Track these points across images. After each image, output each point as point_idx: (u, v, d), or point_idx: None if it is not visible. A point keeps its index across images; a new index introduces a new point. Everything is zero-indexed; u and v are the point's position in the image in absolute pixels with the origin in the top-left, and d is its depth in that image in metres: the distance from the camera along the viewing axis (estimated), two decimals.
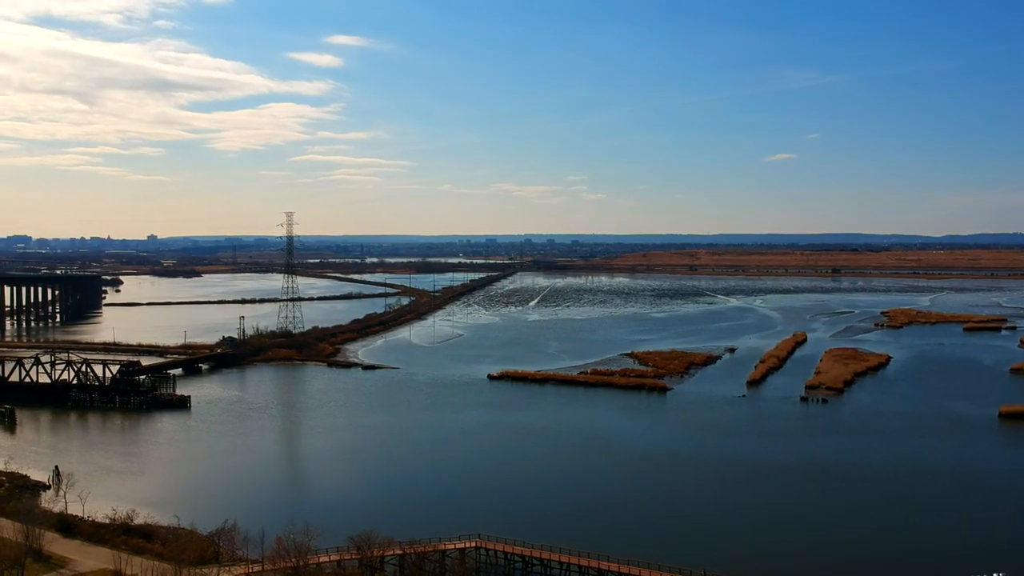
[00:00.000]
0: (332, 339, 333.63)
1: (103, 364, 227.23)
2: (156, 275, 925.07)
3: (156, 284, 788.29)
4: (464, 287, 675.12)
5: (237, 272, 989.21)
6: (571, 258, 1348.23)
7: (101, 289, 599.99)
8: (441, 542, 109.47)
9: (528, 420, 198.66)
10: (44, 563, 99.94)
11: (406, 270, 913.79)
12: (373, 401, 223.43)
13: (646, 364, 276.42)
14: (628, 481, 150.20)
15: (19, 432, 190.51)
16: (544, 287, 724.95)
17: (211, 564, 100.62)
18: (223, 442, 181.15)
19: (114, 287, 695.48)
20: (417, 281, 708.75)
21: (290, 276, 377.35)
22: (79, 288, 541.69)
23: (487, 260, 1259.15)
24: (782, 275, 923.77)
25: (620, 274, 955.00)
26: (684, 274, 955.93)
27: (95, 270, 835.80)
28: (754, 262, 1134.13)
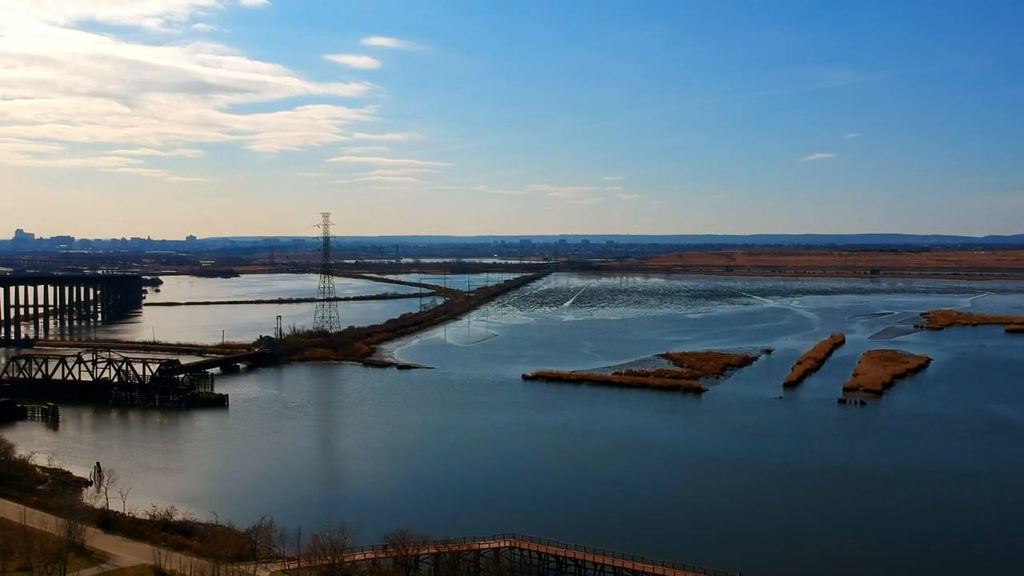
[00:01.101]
0: (368, 339, 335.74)
1: (143, 363, 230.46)
2: (195, 275, 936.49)
3: (195, 284, 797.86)
4: (499, 287, 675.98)
5: (274, 272, 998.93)
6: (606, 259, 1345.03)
7: (141, 289, 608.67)
8: (475, 541, 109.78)
9: (562, 420, 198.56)
10: (86, 558, 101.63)
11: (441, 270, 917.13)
12: (408, 400, 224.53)
13: (681, 365, 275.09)
14: (663, 482, 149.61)
15: (62, 429, 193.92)
16: (578, 288, 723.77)
17: (248, 561, 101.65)
18: (260, 440, 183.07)
19: (154, 287, 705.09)
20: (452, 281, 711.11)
21: (326, 276, 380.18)
22: (120, 288, 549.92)
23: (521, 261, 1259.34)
24: (819, 276, 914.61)
25: (655, 275, 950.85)
26: (720, 275, 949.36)
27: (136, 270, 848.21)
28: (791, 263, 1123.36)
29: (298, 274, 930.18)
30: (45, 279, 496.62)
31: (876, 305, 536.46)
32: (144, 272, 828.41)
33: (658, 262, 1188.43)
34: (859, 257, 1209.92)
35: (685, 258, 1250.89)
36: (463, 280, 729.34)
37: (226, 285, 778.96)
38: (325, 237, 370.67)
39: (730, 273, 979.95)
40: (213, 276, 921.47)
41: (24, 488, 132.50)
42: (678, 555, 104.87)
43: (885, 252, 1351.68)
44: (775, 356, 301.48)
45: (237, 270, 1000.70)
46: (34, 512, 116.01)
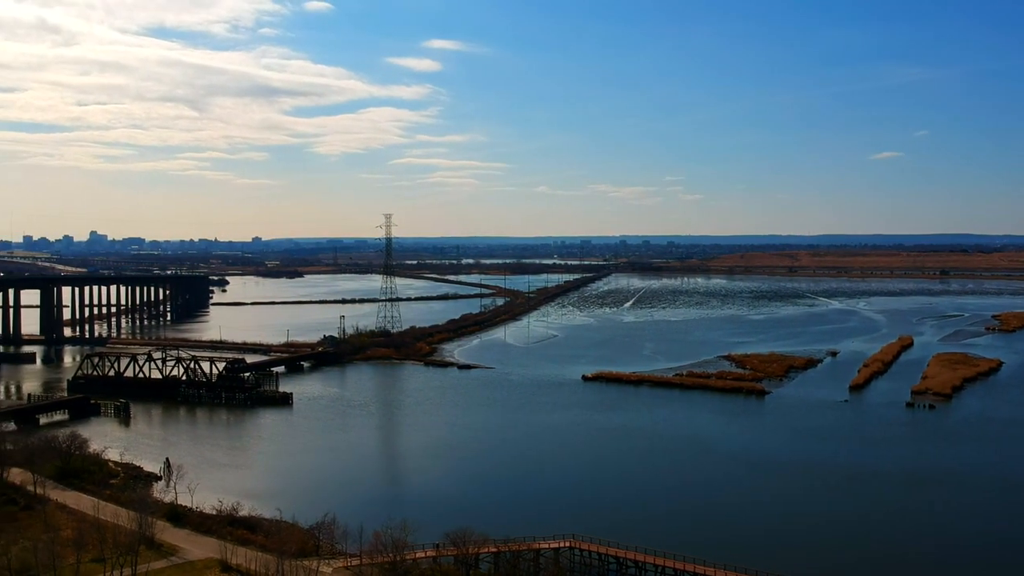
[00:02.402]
0: (429, 339, 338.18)
1: (210, 361, 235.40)
2: (260, 276, 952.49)
3: (260, 284, 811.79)
4: (558, 288, 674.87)
5: (338, 273, 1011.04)
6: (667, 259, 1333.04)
7: (209, 289, 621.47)
8: (535, 541, 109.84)
9: (623, 421, 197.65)
10: (156, 551, 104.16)
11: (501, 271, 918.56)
12: (468, 400, 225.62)
13: (744, 367, 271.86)
14: (724, 485, 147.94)
15: (133, 425, 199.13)
16: (639, 288, 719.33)
17: (312, 557, 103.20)
18: (323, 438, 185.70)
19: (221, 287, 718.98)
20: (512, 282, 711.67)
21: (388, 277, 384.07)
22: (188, 288, 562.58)
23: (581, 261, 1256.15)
24: (887, 277, 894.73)
25: (717, 275, 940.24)
26: (784, 276, 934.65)
27: (203, 271, 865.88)
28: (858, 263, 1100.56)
29: (361, 275, 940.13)
30: (117, 279, 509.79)
31: (946, 307, 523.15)
32: (211, 273, 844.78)
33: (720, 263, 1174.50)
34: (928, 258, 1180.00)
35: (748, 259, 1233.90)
36: (523, 281, 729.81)
37: (290, 285, 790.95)
38: (387, 238, 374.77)
39: (794, 274, 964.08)
40: (278, 277, 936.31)
41: (98, 482, 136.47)
42: (739, 559, 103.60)
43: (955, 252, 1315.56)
44: (841, 358, 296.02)
45: (301, 271, 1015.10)
46: (107, 505, 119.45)
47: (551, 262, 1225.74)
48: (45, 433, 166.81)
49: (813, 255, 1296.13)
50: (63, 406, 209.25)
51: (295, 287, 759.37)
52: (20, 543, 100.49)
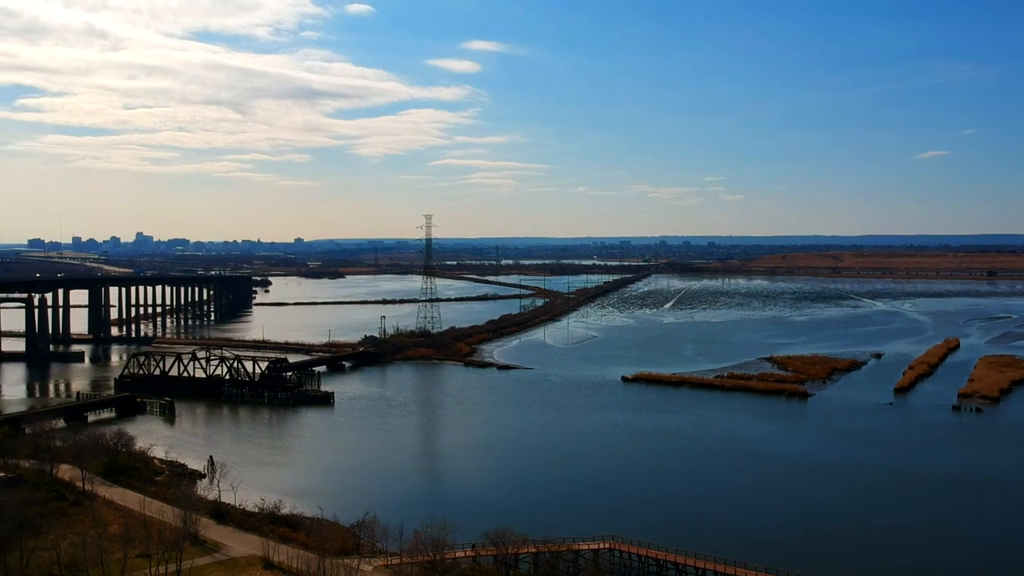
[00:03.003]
0: (468, 339, 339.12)
1: (253, 361, 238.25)
2: (302, 276, 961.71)
3: (302, 285, 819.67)
4: (598, 289, 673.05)
5: (378, 273, 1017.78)
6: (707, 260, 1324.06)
7: (252, 289, 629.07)
8: (575, 542, 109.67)
9: (663, 423, 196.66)
10: (200, 547, 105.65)
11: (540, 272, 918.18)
12: (508, 400, 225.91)
13: (786, 369, 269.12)
14: (766, 487, 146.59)
15: (178, 423, 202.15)
16: (679, 289, 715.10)
17: (352, 555, 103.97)
18: (364, 437, 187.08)
19: (264, 287, 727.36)
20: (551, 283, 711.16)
21: (429, 277, 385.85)
22: (232, 288, 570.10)
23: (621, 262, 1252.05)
24: (933, 278, 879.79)
25: (758, 276, 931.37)
26: (827, 276, 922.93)
27: (246, 271, 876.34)
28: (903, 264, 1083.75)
29: (401, 275, 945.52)
30: (163, 280, 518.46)
31: (993, 308, 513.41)
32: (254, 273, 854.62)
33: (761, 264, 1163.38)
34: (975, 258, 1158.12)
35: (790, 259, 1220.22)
36: (562, 281, 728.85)
37: (332, 286, 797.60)
38: (427, 239, 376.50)
39: (837, 275, 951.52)
40: (320, 277, 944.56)
41: (144, 479, 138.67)
42: (781, 562, 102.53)
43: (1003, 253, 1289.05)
44: (885, 360, 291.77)
45: (343, 271, 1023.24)
46: (153, 502, 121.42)
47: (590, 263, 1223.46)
48: (93, 430, 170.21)
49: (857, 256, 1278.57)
50: (110, 404, 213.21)
51: (336, 288, 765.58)
52: (69, 538, 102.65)
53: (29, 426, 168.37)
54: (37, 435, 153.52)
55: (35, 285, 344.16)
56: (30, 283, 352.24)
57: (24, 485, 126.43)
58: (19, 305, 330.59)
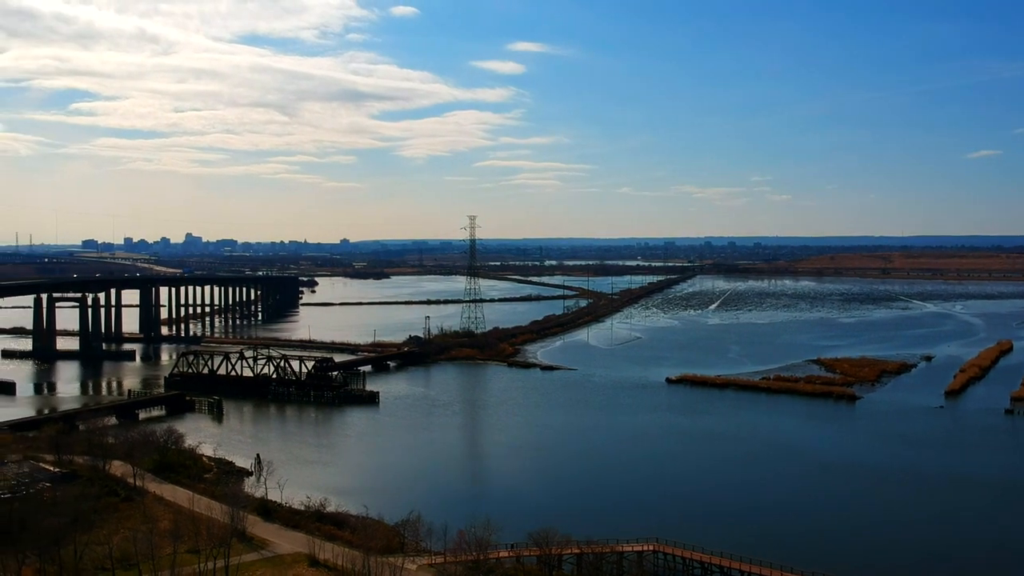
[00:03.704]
0: (512, 339, 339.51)
1: (299, 360, 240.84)
2: (348, 277, 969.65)
3: (348, 285, 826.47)
4: (642, 290, 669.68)
5: (423, 274, 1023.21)
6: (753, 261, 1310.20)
7: (298, 290, 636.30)
8: (618, 543, 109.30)
9: (708, 425, 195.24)
10: (247, 544, 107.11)
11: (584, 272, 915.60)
12: (551, 401, 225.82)
13: (833, 371, 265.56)
14: (813, 491, 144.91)
15: (226, 422, 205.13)
16: (724, 290, 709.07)
17: (397, 554, 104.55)
18: (409, 437, 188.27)
19: (310, 288, 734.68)
20: (595, 283, 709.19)
21: (473, 278, 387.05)
22: (279, 289, 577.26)
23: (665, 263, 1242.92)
24: (985, 279, 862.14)
25: (805, 277, 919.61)
26: (875, 278, 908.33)
27: (293, 272, 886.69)
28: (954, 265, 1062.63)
29: (445, 276, 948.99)
30: (211, 280, 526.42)
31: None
32: (301, 274, 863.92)
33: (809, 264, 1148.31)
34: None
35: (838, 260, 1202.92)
36: (606, 282, 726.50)
37: (377, 286, 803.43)
38: (471, 240, 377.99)
39: (887, 276, 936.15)
40: (365, 278, 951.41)
41: (193, 476, 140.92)
42: (828, 567, 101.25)
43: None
44: (936, 363, 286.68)
45: (388, 272, 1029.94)
46: (201, 498, 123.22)
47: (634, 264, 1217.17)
48: (144, 428, 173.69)
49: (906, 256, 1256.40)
50: (160, 402, 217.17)
51: (382, 288, 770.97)
52: (121, 533, 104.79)
53: (83, 423, 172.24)
54: (90, 432, 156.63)
55: (89, 285, 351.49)
56: (84, 283, 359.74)
57: (78, 481, 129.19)
58: (73, 304, 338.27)
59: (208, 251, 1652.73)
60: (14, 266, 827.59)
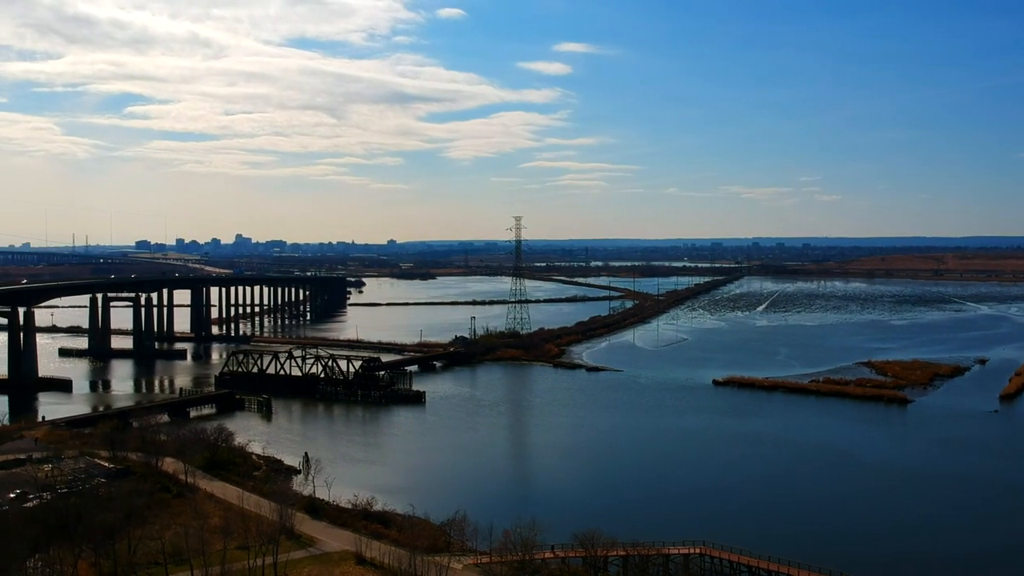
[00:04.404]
0: (557, 340, 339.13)
1: (347, 360, 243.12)
2: (395, 277, 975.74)
3: (395, 286, 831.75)
4: (688, 291, 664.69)
5: (469, 275, 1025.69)
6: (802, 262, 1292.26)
7: (346, 290, 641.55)
8: (665, 546, 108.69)
9: (755, 427, 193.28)
10: (295, 541, 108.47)
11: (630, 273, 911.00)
12: (597, 402, 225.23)
13: (884, 374, 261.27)
14: (863, 496, 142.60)
15: (275, 420, 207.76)
16: (772, 292, 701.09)
17: (443, 553, 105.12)
18: (454, 436, 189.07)
19: (357, 288, 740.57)
20: (640, 285, 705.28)
21: (518, 279, 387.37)
22: (327, 289, 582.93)
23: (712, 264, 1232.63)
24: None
25: (856, 279, 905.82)
26: (928, 279, 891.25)
27: (341, 272, 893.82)
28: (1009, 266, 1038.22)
29: (491, 277, 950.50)
30: (260, 280, 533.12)
31: None
32: (348, 274, 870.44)
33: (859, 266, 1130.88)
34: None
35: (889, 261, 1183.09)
36: (652, 283, 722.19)
37: (423, 287, 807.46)
38: (517, 241, 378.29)
39: (940, 277, 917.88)
40: (412, 278, 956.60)
41: (242, 473, 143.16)
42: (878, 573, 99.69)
43: None
44: (991, 366, 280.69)
45: (434, 272, 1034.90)
46: (251, 496, 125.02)
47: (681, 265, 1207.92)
48: (195, 426, 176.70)
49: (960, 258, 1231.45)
50: (211, 400, 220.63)
51: (428, 288, 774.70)
52: (173, 528, 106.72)
53: (136, 420, 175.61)
54: (143, 429, 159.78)
55: (142, 285, 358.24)
56: (137, 283, 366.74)
57: (132, 477, 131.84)
58: (127, 304, 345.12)
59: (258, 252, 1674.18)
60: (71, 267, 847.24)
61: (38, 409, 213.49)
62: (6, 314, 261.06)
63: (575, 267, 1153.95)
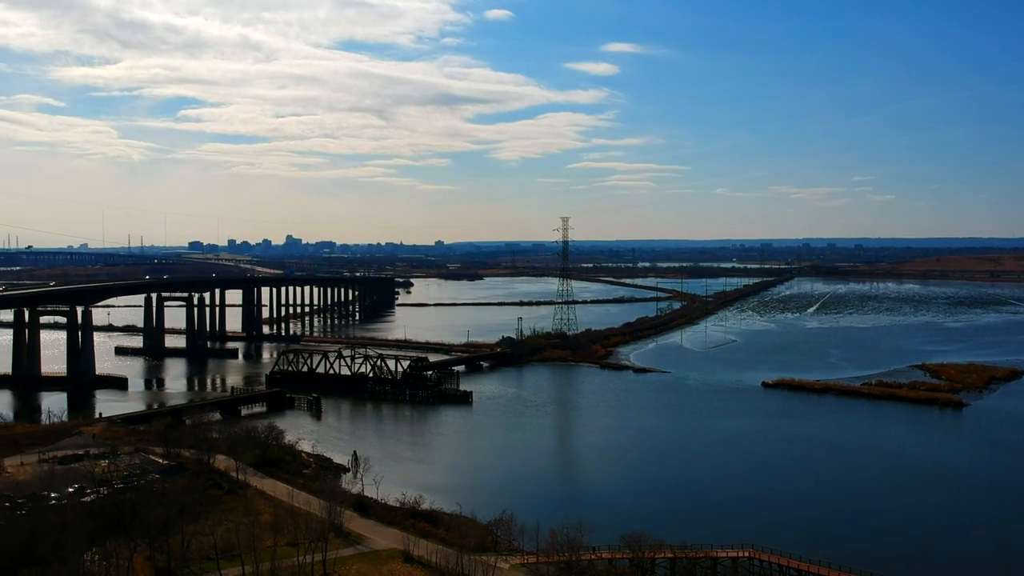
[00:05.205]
0: (604, 341, 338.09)
1: (395, 360, 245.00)
2: (442, 278, 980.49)
3: (442, 286, 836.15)
4: (737, 292, 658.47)
5: (515, 275, 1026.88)
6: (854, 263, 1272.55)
7: (394, 290, 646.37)
8: (713, 549, 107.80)
9: (805, 431, 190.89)
10: (344, 538, 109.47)
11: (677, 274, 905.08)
12: (644, 403, 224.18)
13: (939, 377, 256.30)
14: (916, 500, 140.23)
15: (324, 419, 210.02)
16: (824, 293, 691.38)
17: (490, 552, 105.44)
18: (501, 436, 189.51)
19: (405, 289, 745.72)
20: (688, 286, 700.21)
21: (565, 280, 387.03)
22: (375, 289, 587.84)
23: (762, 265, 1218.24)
24: None
25: (909, 280, 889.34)
26: (984, 281, 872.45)
27: (389, 273, 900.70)
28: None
29: (537, 277, 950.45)
30: (310, 281, 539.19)
31: None
32: (396, 275, 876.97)
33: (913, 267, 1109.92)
34: None
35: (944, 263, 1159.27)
36: (700, 284, 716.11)
37: (471, 287, 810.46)
38: (564, 241, 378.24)
39: (997, 279, 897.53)
40: (459, 279, 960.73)
41: (292, 471, 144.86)
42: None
43: None
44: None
45: (481, 273, 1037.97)
46: (300, 493, 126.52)
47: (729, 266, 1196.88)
48: (246, 424, 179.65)
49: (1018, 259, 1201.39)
50: (261, 399, 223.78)
51: (475, 289, 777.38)
52: (225, 524, 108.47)
53: (189, 418, 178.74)
54: (196, 426, 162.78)
55: (195, 285, 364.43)
56: (191, 283, 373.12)
57: (185, 473, 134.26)
58: (181, 304, 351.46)
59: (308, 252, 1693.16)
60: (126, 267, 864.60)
61: (95, 406, 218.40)
62: (65, 313, 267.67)
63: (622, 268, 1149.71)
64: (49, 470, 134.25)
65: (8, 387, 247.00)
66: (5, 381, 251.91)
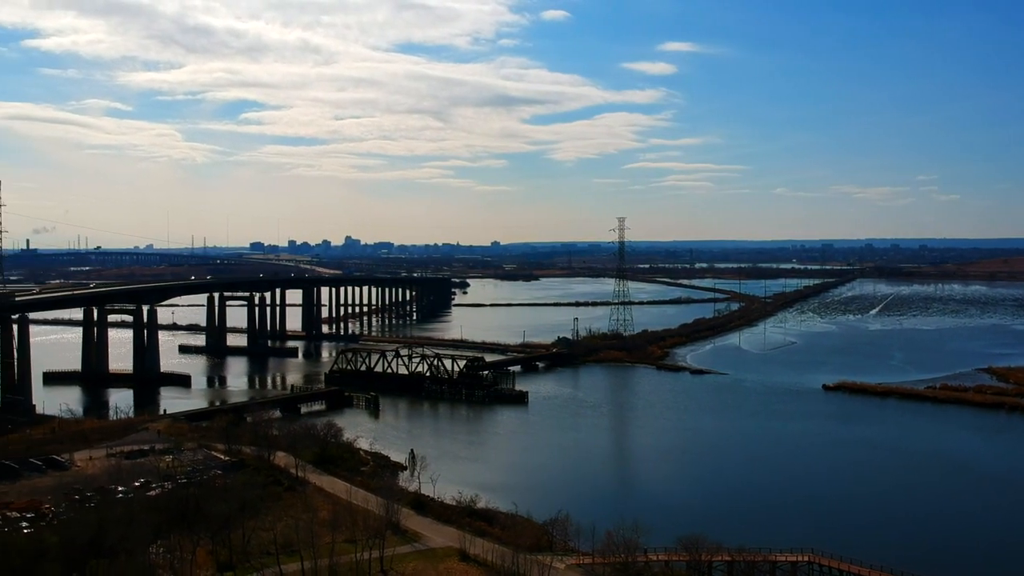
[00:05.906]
0: (661, 342, 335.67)
1: (452, 359, 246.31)
2: (498, 278, 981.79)
3: (498, 287, 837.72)
4: (797, 294, 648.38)
5: (571, 276, 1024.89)
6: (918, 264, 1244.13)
7: (451, 291, 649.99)
8: (771, 552, 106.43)
9: (868, 434, 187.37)
10: (400, 536, 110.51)
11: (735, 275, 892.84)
12: (701, 405, 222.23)
13: (1007, 381, 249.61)
14: (980, 508, 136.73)
15: (382, 417, 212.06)
16: (887, 295, 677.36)
17: (545, 552, 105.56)
18: (557, 436, 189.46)
19: (462, 289, 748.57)
20: (747, 287, 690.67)
21: (621, 280, 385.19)
22: (433, 290, 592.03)
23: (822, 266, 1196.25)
24: None
25: (976, 282, 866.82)
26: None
27: (446, 273, 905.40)
28: None
29: (594, 278, 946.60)
30: (369, 281, 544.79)
31: None
32: (453, 275, 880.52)
33: (979, 268, 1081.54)
34: None
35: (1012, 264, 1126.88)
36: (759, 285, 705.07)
37: (527, 288, 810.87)
38: (620, 242, 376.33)
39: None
40: (515, 279, 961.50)
41: (350, 468, 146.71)
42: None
43: None
44: None
45: (537, 273, 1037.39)
46: (358, 491, 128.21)
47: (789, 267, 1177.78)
48: (305, 421, 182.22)
49: None
50: (321, 397, 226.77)
51: (531, 289, 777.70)
52: (284, 520, 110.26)
53: (250, 415, 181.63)
54: (257, 424, 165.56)
55: (256, 285, 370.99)
56: (252, 283, 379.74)
57: (246, 469, 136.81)
58: (242, 303, 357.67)
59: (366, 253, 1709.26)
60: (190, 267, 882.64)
61: (160, 403, 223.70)
62: (131, 312, 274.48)
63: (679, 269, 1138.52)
64: (116, 464, 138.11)
65: (78, 383, 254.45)
66: (75, 377, 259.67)
